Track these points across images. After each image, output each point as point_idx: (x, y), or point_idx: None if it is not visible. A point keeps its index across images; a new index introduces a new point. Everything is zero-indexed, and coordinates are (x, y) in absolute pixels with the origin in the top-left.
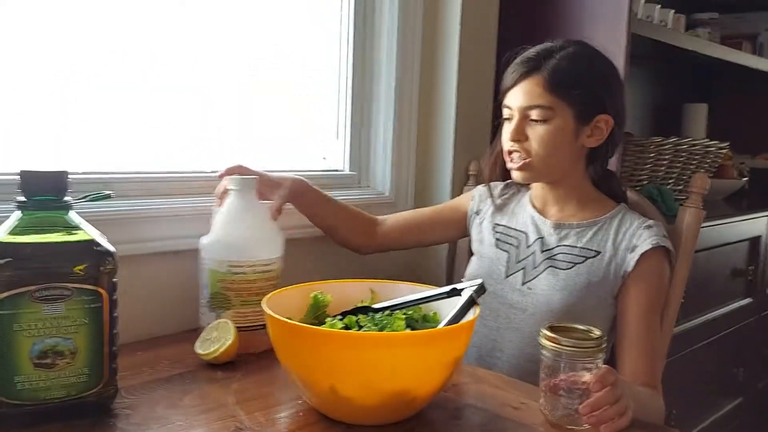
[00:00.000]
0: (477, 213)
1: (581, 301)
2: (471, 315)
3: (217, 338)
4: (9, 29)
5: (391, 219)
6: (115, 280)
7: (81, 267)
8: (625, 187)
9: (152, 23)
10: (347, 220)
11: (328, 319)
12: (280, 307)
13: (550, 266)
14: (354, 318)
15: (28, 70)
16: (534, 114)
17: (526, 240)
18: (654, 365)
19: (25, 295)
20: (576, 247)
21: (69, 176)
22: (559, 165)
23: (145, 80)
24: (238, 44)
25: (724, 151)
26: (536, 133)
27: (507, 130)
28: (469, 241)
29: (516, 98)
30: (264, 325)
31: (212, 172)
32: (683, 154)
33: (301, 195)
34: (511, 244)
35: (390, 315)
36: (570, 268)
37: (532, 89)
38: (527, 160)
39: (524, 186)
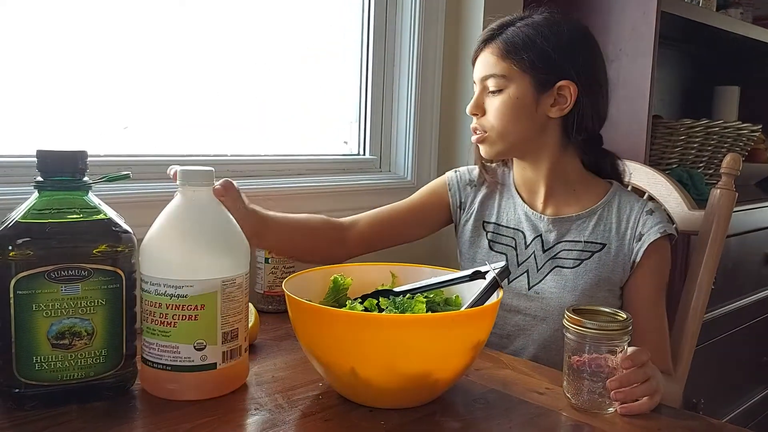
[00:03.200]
0: (460, 207)
1: (592, 298)
2: (494, 297)
3: None
4: (31, 15)
5: (362, 219)
6: (133, 261)
7: (99, 247)
8: (622, 166)
9: (173, 9)
10: (310, 232)
11: (348, 302)
12: (300, 289)
13: (556, 266)
14: (374, 301)
15: (50, 59)
16: (490, 84)
17: (524, 239)
18: (666, 352)
19: (42, 275)
20: (579, 242)
21: (87, 157)
22: (521, 137)
23: (167, 68)
24: (260, 29)
25: (756, 134)
26: (492, 104)
27: None
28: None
29: (476, 71)
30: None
31: (233, 155)
32: (714, 136)
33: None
34: (507, 245)
35: (411, 298)
36: (577, 265)
37: (487, 59)
38: (484, 134)
39: (505, 168)
